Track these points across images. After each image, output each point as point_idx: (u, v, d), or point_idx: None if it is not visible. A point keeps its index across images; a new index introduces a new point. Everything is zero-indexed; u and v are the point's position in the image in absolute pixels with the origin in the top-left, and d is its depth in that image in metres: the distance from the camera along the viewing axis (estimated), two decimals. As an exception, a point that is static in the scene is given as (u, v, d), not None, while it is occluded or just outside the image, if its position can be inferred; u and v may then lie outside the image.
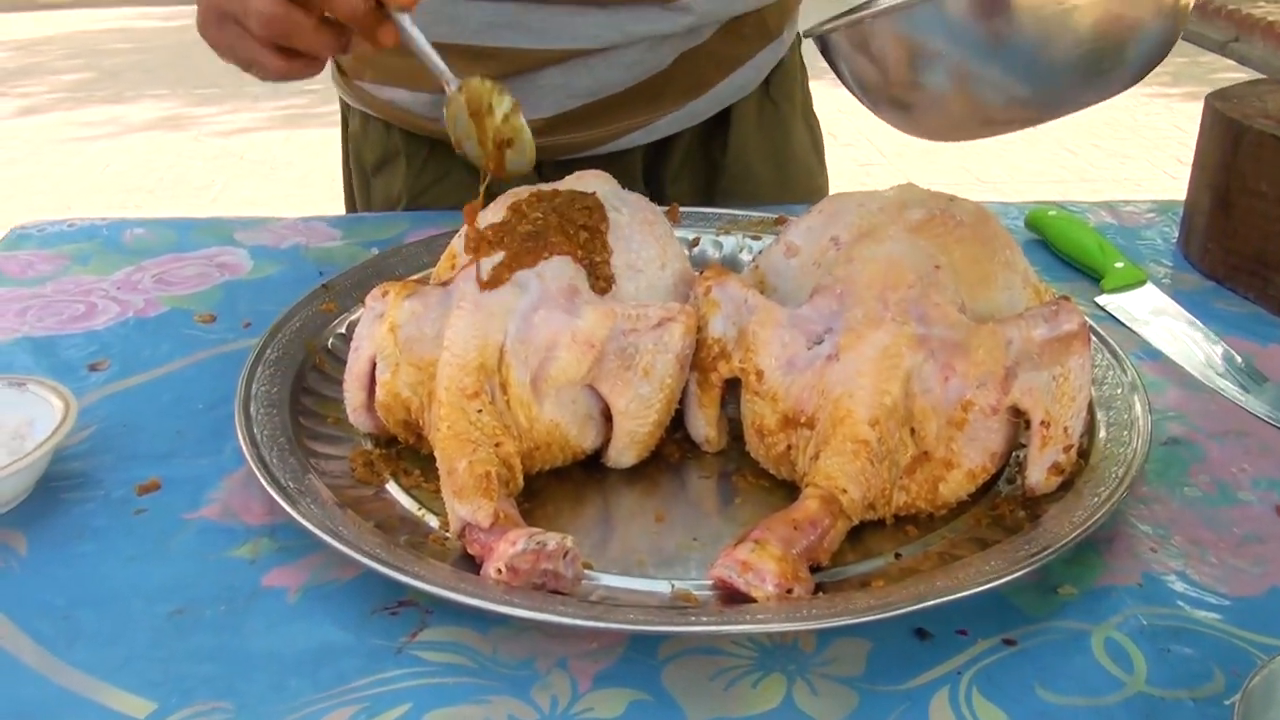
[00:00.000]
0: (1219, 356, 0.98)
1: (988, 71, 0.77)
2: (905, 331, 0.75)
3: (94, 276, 1.13)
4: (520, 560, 0.67)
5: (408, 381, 0.80)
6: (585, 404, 0.80)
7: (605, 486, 0.82)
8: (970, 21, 0.75)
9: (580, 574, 0.69)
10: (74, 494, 0.80)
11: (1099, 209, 1.30)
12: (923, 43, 0.77)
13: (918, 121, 0.84)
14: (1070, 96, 0.80)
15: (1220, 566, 0.74)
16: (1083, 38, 0.75)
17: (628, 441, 0.80)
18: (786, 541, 0.68)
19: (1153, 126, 5.58)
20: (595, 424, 0.81)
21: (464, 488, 0.72)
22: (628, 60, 1.22)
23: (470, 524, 0.71)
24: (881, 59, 0.80)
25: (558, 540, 0.67)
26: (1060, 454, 0.76)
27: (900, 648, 0.66)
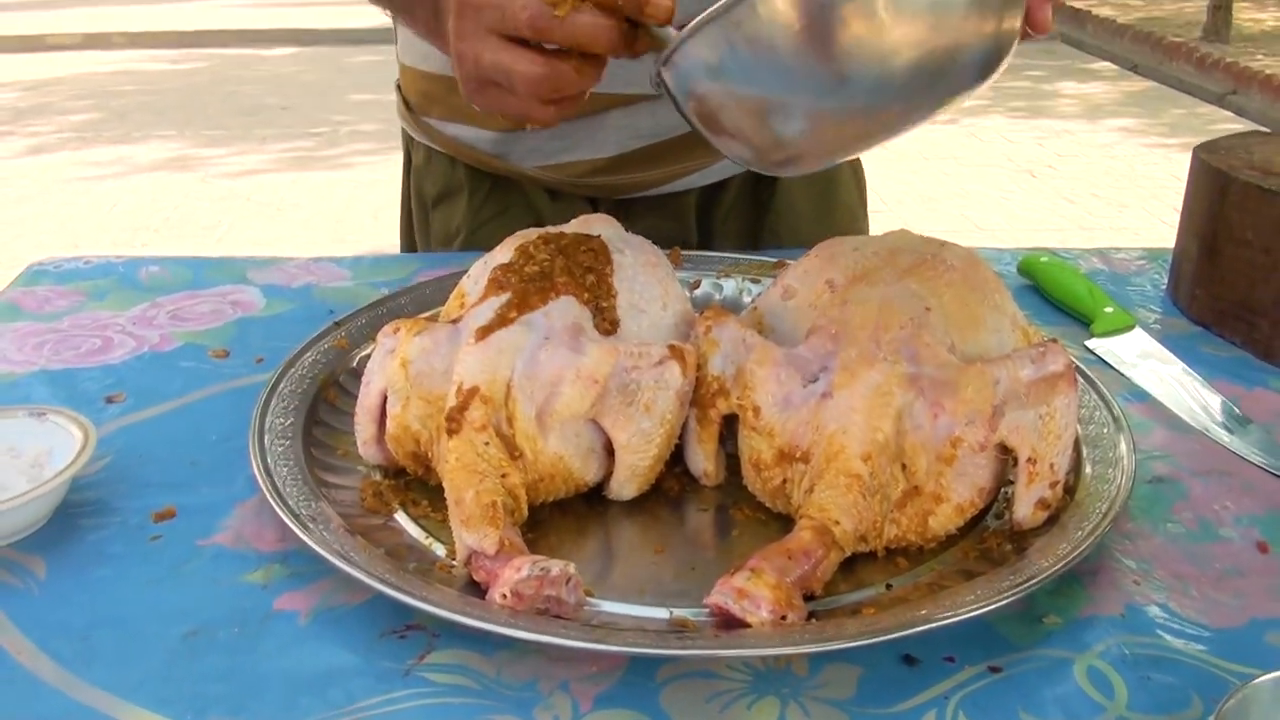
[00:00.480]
0: (1205, 399, 1.01)
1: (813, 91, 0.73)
2: (897, 371, 0.78)
3: (110, 312, 1.16)
4: (524, 585, 0.69)
5: (417, 415, 0.82)
6: (588, 438, 0.83)
7: (607, 518, 0.84)
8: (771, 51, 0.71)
9: (582, 600, 0.71)
10: (91, 520, 0.83)
11: (1090, 255, 1.33)
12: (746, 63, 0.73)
13: (761, 153, 0.80)
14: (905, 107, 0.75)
15: (1201, 599, 0.76)
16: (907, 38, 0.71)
17: (629, 475, 0.83)
18: (781, 570, 0.71)
19: (1150, 176, 5.63)
20: (598, 457, 0.84)
21: (471, 516, 0.74)
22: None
23: (477, 551, 0.73)
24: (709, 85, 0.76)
25: (560, 567, 0.70)
26: (1046, 490, 0.79)
27: (889, 673, 0.69)
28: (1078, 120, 6.84)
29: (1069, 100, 7.39)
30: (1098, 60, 8.66)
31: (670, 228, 1.33)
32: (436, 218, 1.39)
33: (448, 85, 1.28)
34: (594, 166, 1.29)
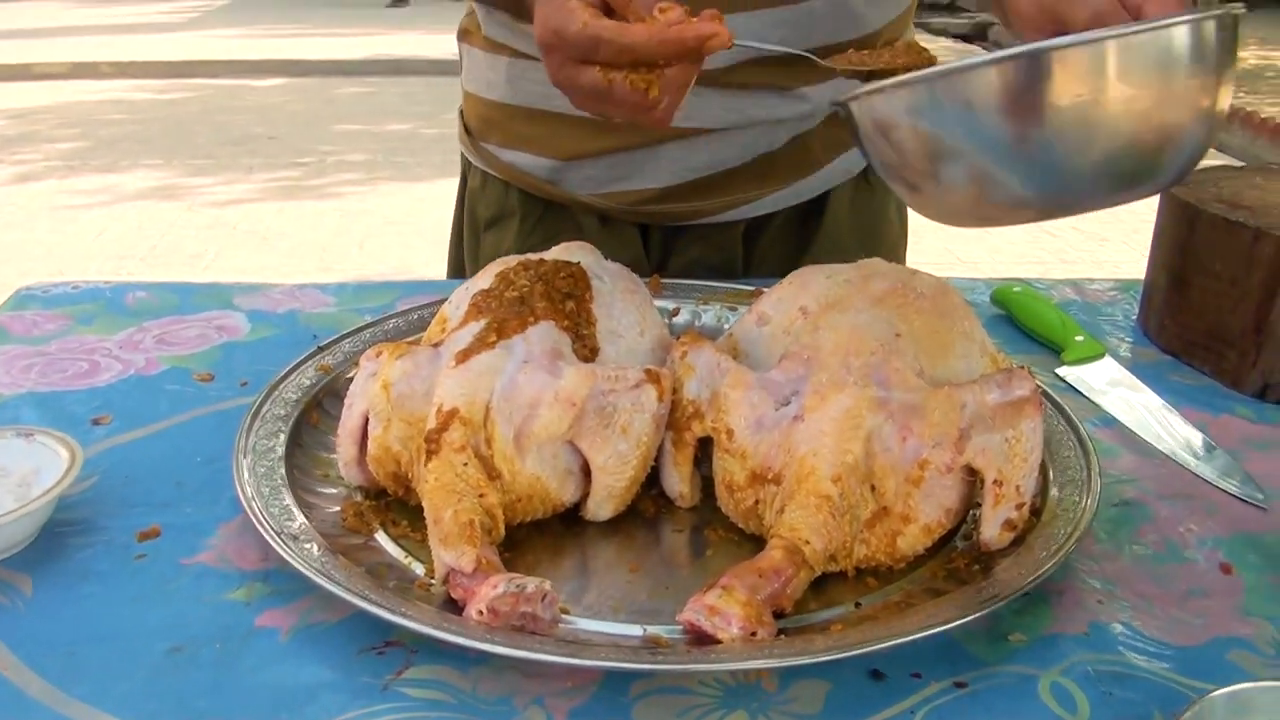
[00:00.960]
0: (1173, 425, 1.03)
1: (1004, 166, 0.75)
2: (866, 394, 0.80)
3: (97, 336, 1.17)
4: (500, 602, 0.71)
5: (398, 436, 0.84)
6: (565, 460, 0.84)
7: (583, 538, 0.86)
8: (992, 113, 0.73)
9: (557, 616, 0.73)
10: (78, 539, 0.84)
11: (1063, 286, 1.36)
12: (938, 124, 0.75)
13: (926, 203, 0.83)
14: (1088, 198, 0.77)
15: (1165, 618, 0.78)
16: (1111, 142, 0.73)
17: (605, 495, 0.85)
18: (752, 588, 0.72)
19: (1131, 210, 5.58)
20: (575, 479, 0.85)
21: (449, 535, 0.76)
22: (744, 140, 1.29)
23: (454, 569, 0.75)
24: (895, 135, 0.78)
25: (536, 584, 0.72)
26: (1013, 511, 0.81)
27: (857, 688, 0.70)
28: (1060, 154, 6.88)
29: (1051, 134, 7.44)
30: (1080, 95, 8.73)
31: (717, 257, 1.36)
32: (488, 240, 1.41)
33: (508, 113, 1.32)
34: (648, 196, 1.31)
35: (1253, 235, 1.09)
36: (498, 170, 1.37)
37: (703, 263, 1.35)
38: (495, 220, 1.40)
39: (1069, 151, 0.73)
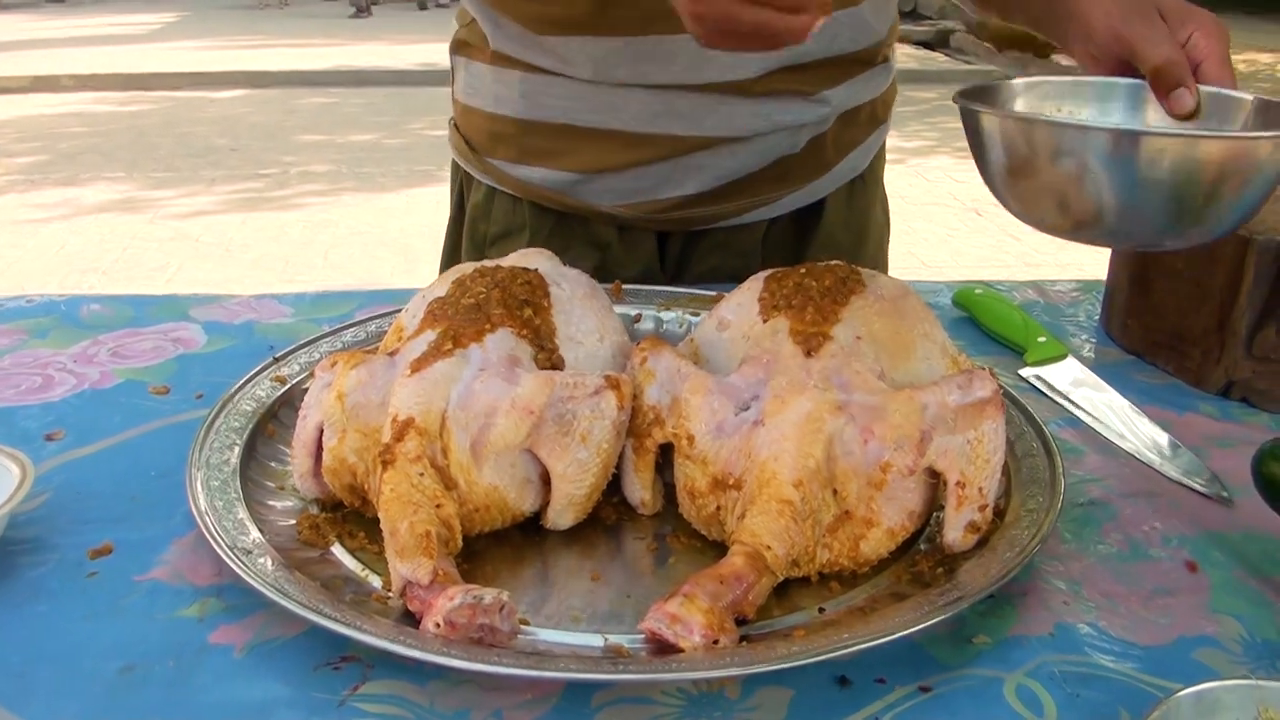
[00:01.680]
0: (1136, 424, 1.03)
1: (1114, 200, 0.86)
2: (827, 398, 0.80)
3: (51, 350, 1.16)
4: (457, 614, 0.70)
5: (354, 447, 0.83)
6: (524, 468, 0.83)
7: (544, 547, 0.85)
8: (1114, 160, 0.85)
9: (516, 627, 0.72)
10: (29, 557, 0.83)
11: (1025, 287, 1.36)
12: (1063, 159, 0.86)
13: (1026, 213, 0.93)
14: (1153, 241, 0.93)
15: (1130, 618, 0.78)
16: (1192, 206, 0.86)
17: (565, 504, 0.84)
18: (713, 595, 0.71)
19: (1094, 212, 5.71)
20: (534, 488, 0.84)
21: (405, 547, 0.75)
22: (768, 145, 1.29)
23: (411, 581, 0.74)
24: (1018, 155, 0.90)
25: (493, 595, 0.70)
26: (976, 513, 0.80)
27: (821, 695, 0.70)
28: (1023, 158, 6.92)
29: (1014, 138, 7.48)
30: (1042, 99, 8.79)
31: (737, 261, 1.35)
32: (492, 255, 1.38)
33: (523, 128, 1.30)
34: (671, 204, 1.30)
35: (1212, 234, 1.09)
36: (508, 185, 1.35)
37: (722, 266, 1.35)
38: (503, 235, 1.38)
39: (1162, 207, 0.86)
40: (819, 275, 0.90)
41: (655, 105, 1.23)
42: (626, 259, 1.29)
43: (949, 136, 7.47)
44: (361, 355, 0.87)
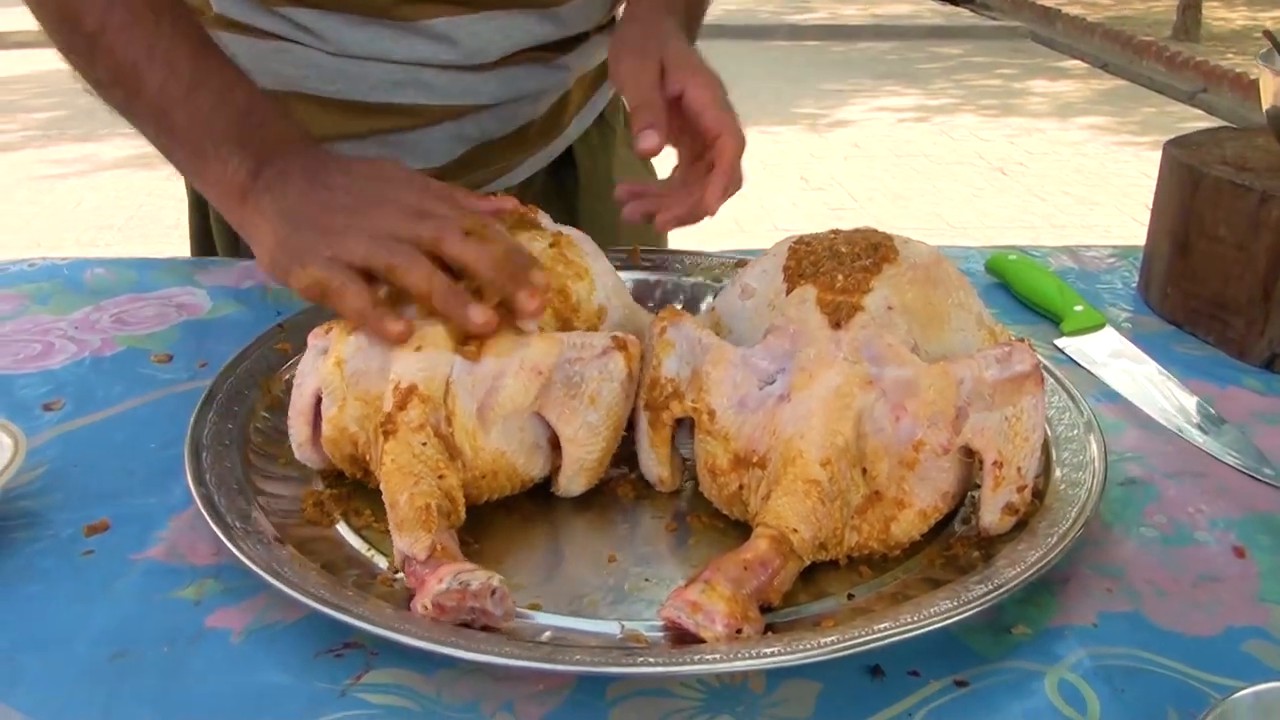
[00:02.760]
0: (1178, 399, 0.99)
1: None
2: (857, 372, 0.75)
3: (52, 316, 1.12)
4: (445, 598, 0.66)
5: (354, 416, 0.79)
6: (533, 432, 0.80)
7: (557, 525, 0.81)
8: None
9: (510, 611, 0.68)
10: (23, 534, 0.79)
11: (1060, 253, 1.31)
12: None
13: None
14: None
15: (1176, 607, 0.74)
16: None
17: (576, 469, 0.80)
18: (736, 582, 0.68)
19: (1121, 174, 5.64)
20: (543, 453, 0.81)
21: (404, 520, 0.71)
22: (510, 113, 1.27)
23: (408, 556, 0.70)
24: None
25: (482, 580, 0.66)
26: (1014, 494, 0.76)
27: (851, 688, 0.66)
28: (1048, 118, 6.84)
29: (1039, 98, 7.40)
30: (1068, 59, 8.69)
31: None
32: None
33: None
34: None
35: (1259, 198, 1.04)
36: None
37: None
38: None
39: None
40: (849, 241, 0.86)
41: (397, 75, 1.18)
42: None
43: (974, 94, 7.38)
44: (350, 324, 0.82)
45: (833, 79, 7.76)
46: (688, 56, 1.01)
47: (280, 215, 0.85)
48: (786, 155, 5.97)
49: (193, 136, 0.93)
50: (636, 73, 1.00)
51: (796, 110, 6.90)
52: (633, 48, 1.03)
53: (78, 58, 1.00)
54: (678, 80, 0.99)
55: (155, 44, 0.94)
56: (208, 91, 0.93)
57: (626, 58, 1.02)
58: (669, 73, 1.00)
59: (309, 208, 0.85)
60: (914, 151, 6.07)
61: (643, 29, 1.06)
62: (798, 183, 5.52)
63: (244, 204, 0.89)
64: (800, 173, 5.69)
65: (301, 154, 0.90)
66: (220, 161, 0.90)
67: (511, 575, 0.74)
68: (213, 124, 0.92)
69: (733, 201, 1.21)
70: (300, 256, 0.82)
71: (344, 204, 0.84)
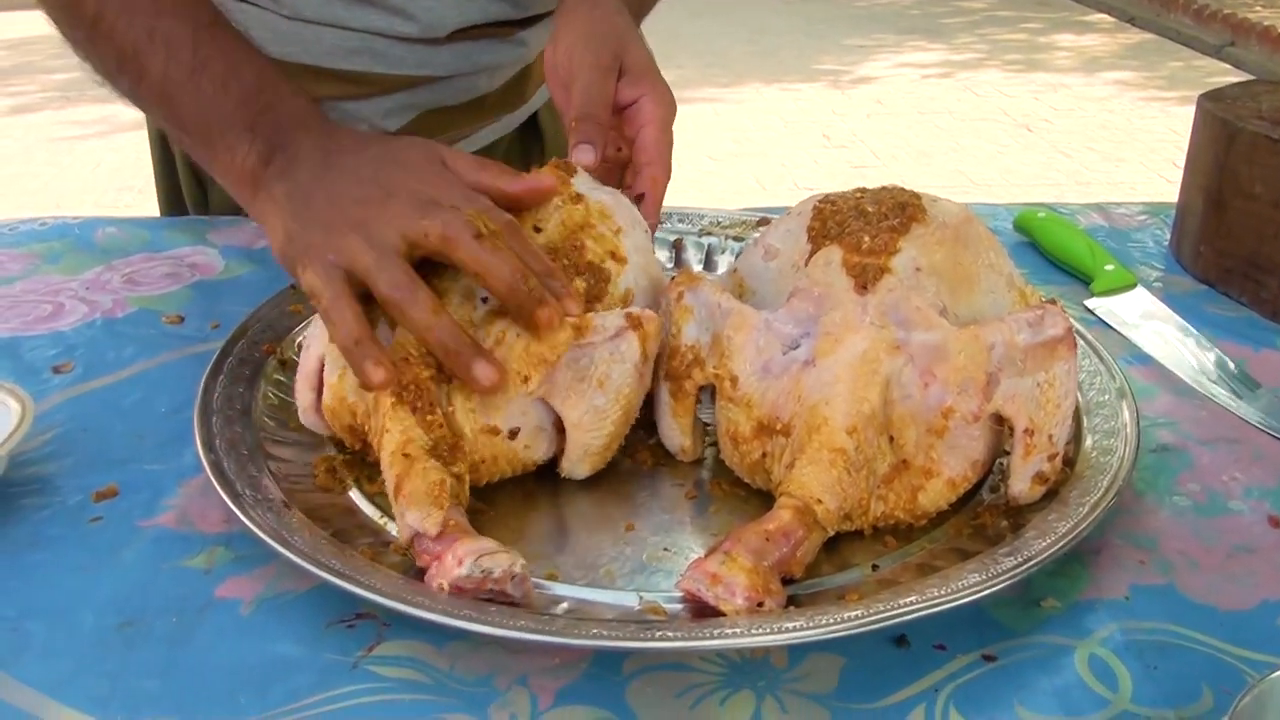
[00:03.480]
0: (1211, 362, 0.96)
1: None
2: (884, 336, 0.73)
3: (63, 276, 1.10)
4: (464, 583, 0.64)
5: (354, 384, 0.76)
6: (536, 416, 0.77)
7: (573, 494, 0.79)
8: None
9: (530, 593, 0.66)
10: (31, 500, 0.78)
11: (1089, 211, 1.28)
12: None
13: None
14: None
15: (1210, 579, 0.72)
16: None
17: (581, 454, 0.78)
18: (758, 553, 0.66)
19: (1148, 130, 5.56)
20: (547, 435, 0.78)
21: (413, 494, 0.69)
22: (465, 85, 1.25)
23: (419, 533, 0.68)
24: None
25: (503, 567, 0.64)
26: (1044, 463, 0.74)
27: (875, 663, 0.64)
28: (1074, 74, 6.75)
29: (1065, 53, 7.30)
30: (1094, 12, 8.56)
31: None
32: (217, 191, 1.30)
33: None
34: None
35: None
36: None
37: None
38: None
39: None
40: (875, 200, 0.83)
41: (351, 43, 1.16)
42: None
43: (999, 49, 7.28)
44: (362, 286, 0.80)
45: (855, 34, 7.67)
46: (647, 67, 0.96)
47: (290, 206, 0.81)
48: (808, 112, 5.90)
49: (199, 123, 0.89)
50: (590, 83, 0.92)
51: (818, 67, 6.82)
52: (586, 47, 0.95)
53: (80, 47, 0.97)
54: (633, 91, 0.94)
55: (155, 26, 0.90)
56: (211, 75, 0.88)
57: (583, 60, 0.94)
58: (625, 81, 0.94)
59: (317, 199, 0.80)
60: (938, 108, 6.00)
61: (596, 20, 0.98)
62: (819, 140, 5.46)
63: (257, 193, 0.85)
64: (822, 130, 5.62)
65: (313, 134, 0.86)
66: (229, 149, 0.86)
67: (526, 544, 0.72)
68: (219, 108, 0.87)
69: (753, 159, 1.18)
70: (303, 256, 0.77)
71: (354, 195, 0.79)
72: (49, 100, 6.33)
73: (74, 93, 6.44)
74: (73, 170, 5.13)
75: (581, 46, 0.95)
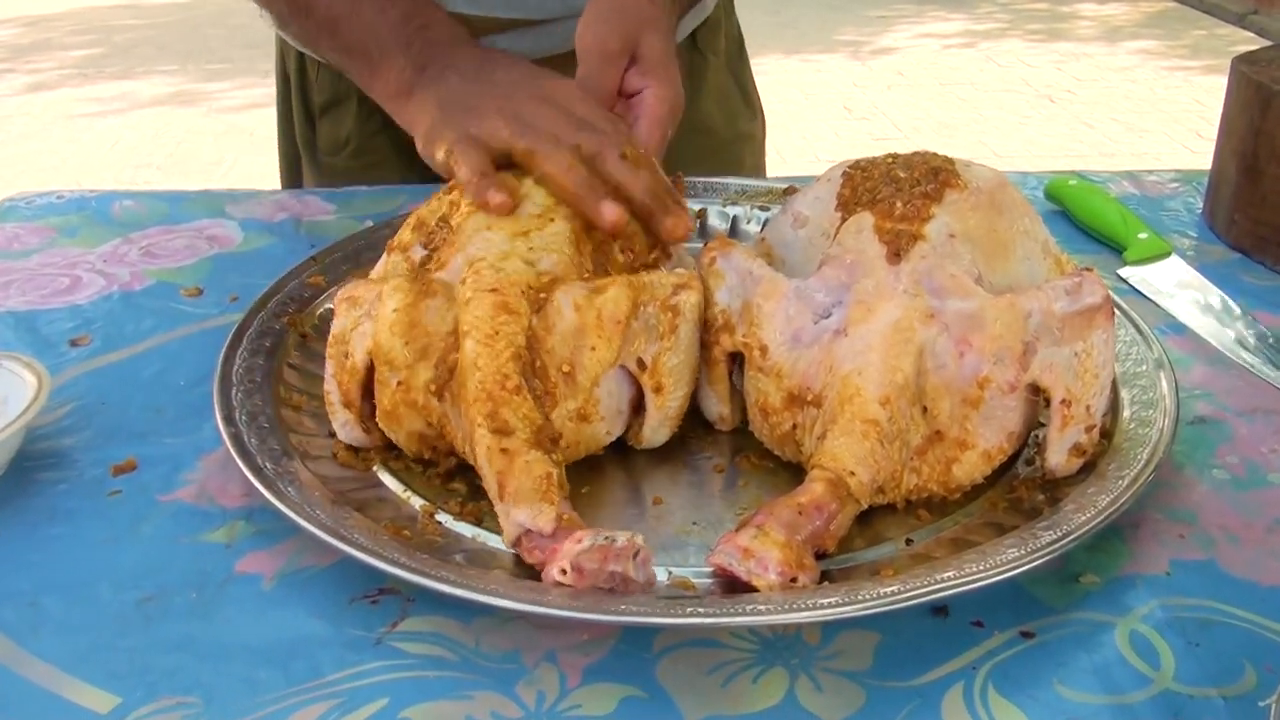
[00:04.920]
0: (1247, 331, 0.94)
1: None
2: (918, 305, 0.71)
3: (80, 249, 1.09)
4: (586, 558, 0.62)
5: (425, 384, 0.73)
6: (618, 397, 0.75)
7: (600, 467, 0.78)
8: None
9: (652, 576, 0.64)
10: (48, 474, 0.77)
11: (1120, 179, 1.25)
12: None
13: None
14: None
15: (1251, 553, 0.70)
16: None
17: (661, 419, 0.76)
18: (790, 527, 0.64)
19: (1172, 100, 5.50)
20: (623, 417, 0.76)
21: (521, 490, 0.66)
22: (567, 31, 1.19)
23: (530, 530, 0.65)
24: None
25: (627, 537, 0.62)
26: (1082, 434, 0.72)
27: (911, 640, 0.63)
28: (1096, 43, 6.69)
29: (1087, 22, 7.23)
30: (1116, -19, 8.48)
31: None
32: (324, 127, 1.31)
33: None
34: None
35: (1338, 119, 0.98)
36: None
37: None
38: (331, 105, 1.29)
39: None
40: (908, 165, 0.81)
41: None
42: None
43: (1022, 18, 7.21)
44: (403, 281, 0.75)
45: (876, 5, 7.60)
46: (660, 58, 0.93)
47: (438, 102, 0.88)
48: (828, 84, 5.86)
49: (361, 46, 0.97)
50: (590, 71, 0.92)
51: (838, 37, 6.77)
52: (597, 31, 0.93)
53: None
54: (639, 82, 0.92)
55: None
56: (371, 2, 0.97)
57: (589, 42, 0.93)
58: (635, 70, 0.93)
59: (467, 94, 0.87)
60: (959, 79, 5.95)
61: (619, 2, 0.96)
62: (840, 112, 5.43)
63: (409, 101, 0.92)
64: (843, 102, 5.58)
65: (465, 50, 0.94)
66: (388, 66, 0.94)
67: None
68: (377, 32, 0.96)
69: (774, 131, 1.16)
70: (444, 132, 0.84)
71: (499, 92, 0.86)
72: (67, 78, 6.33)
73: (92, 70, 6.45)
74: (91, 147, 5.13)
75: (594, 29, 0.93)
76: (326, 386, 0.77)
